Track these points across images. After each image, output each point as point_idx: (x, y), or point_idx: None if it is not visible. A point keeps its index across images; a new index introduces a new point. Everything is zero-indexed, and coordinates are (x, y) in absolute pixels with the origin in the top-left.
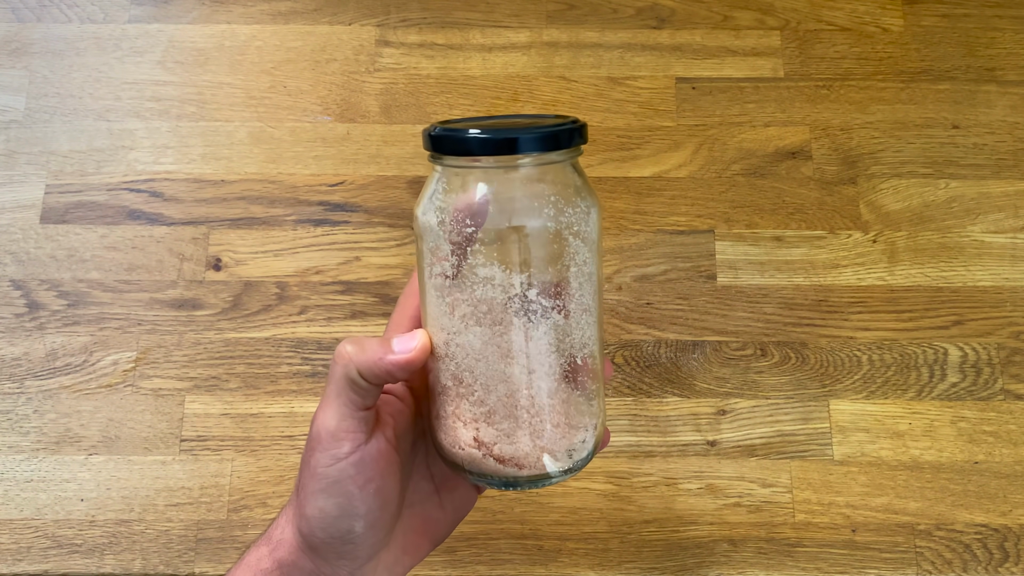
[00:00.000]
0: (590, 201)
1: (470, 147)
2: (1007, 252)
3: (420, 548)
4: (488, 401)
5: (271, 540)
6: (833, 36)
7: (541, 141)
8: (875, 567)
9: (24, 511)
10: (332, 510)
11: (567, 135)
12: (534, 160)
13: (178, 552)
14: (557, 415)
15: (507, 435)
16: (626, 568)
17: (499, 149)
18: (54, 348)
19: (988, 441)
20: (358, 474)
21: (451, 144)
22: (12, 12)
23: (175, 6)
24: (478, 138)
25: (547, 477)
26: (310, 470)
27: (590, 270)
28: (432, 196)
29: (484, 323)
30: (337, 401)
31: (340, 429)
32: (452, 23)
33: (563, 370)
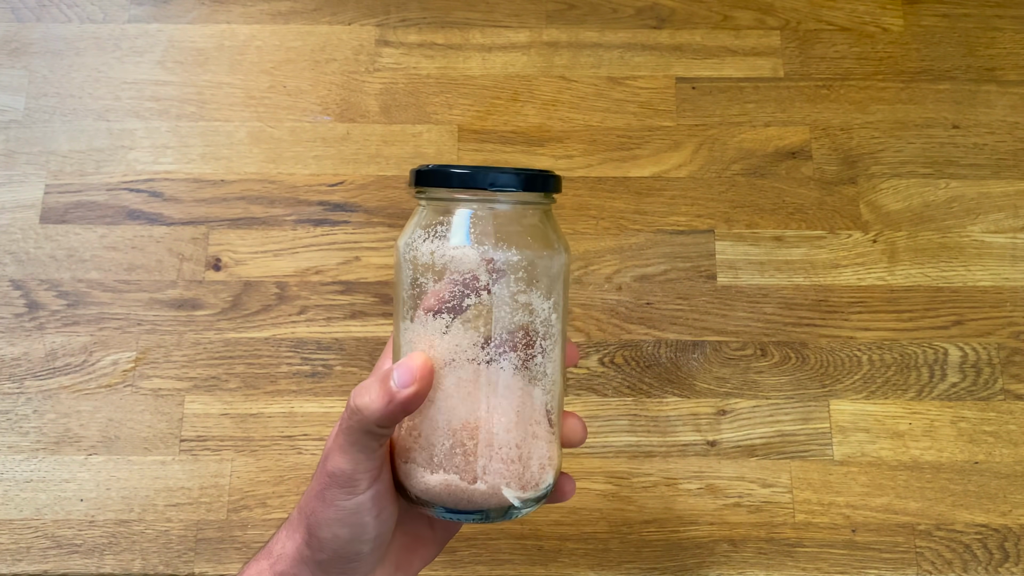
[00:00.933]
0: (556, 252)
1: (451, 180)
2: (1007, 252)
3: (412, 565)
4: (431, 434)
5: (271, 554)
6: (833, 36)
7: (518, 181)
8: (875, 567)
9: (24, 511)
10: (346, 535)
11: (543, 180)
12: (509, 198)
13: (178, 552)
14: (500, 454)
15: (447, 467)
16: (626, 568)
17: (464, 182)
18: (54, 348)
19: (988, 441)
20: (374, 506)
21: (426, 177)
22: (12, 12)
23: (175, 6)
24: (458, 173)
25: (482, 511)
26: (325, 503)
27: (556, 317)
28: (409, 228)
29: (435, 363)
30: (353, 449)
31: (357, 471)
32: (452, 23)
33: (512, 414)
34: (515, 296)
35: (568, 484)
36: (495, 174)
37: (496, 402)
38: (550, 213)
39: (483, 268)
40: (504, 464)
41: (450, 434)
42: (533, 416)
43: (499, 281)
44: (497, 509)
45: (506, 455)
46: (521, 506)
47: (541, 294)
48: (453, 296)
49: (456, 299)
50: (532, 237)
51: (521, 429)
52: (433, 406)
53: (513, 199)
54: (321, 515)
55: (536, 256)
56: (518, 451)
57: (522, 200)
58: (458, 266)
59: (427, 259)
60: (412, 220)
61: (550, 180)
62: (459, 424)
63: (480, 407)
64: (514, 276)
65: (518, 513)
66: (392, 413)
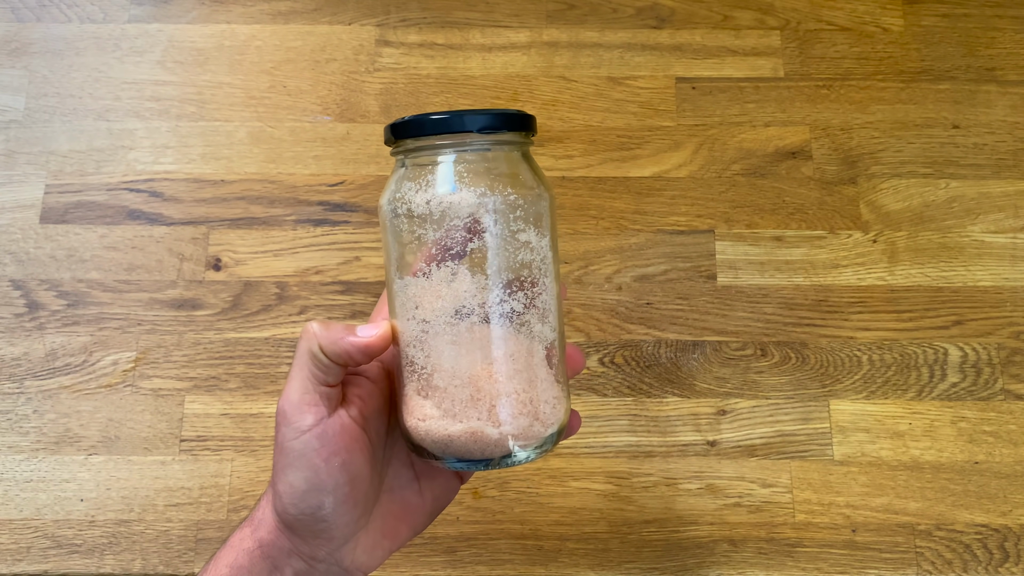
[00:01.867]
0: (543, 190)
1: (424, 127)
2: (1007, 252)
3: (399, 533)
4: (448, 385)
5: (253, 520)
6: (833, 36)
7: (502, 120)
8: (875, 567)
9: (24, 511)
10: (300, 484)
11: (518, 120)
12: (484, 140)
13: (178, 552)
14: (520, 397)
15: (468, 416)
16: (626, 568)
17: (450, 127)
18: (54, 348)
19: (988, 441)
20: (322, 447)
21: (407, 128)
22: (12, 12)
23: (175, 6)
24: (432, 119)
25: (509, 455)
26: (278, 446)
27: (547, 257)
28: (393, 185)
29: (444, 312)
30: (300, 375)
31: (302, 402)
32: (452, 23)
33: (525, 355)
34: (515, 235)
35: (575, 420)
36: (478, 117)
37: (510, 345)
38: (530, 155)
39: (481, 210)
40: (516, 409)
41: (468, 381)
42: (539, 357)
43: (498, 222)
44: (510, 455)
45: (523, 398)
46: (531, 451)
47: (537, 232)
48: (455, 242)
49: (458, 245)
50: (521, 176)
51: (529, 373)
52: (447, 354)
53: (498, 140)
54: (275, 463)
55: (528, 194)
56: (533, 392)
57: (507, 140)
58: (456, 211)
59: (423, 209)
60: (395, 176)
61: (529, 119)
62: (469, 371)
63: (490, 352)
64: (512, 215)
65: (534, 455)
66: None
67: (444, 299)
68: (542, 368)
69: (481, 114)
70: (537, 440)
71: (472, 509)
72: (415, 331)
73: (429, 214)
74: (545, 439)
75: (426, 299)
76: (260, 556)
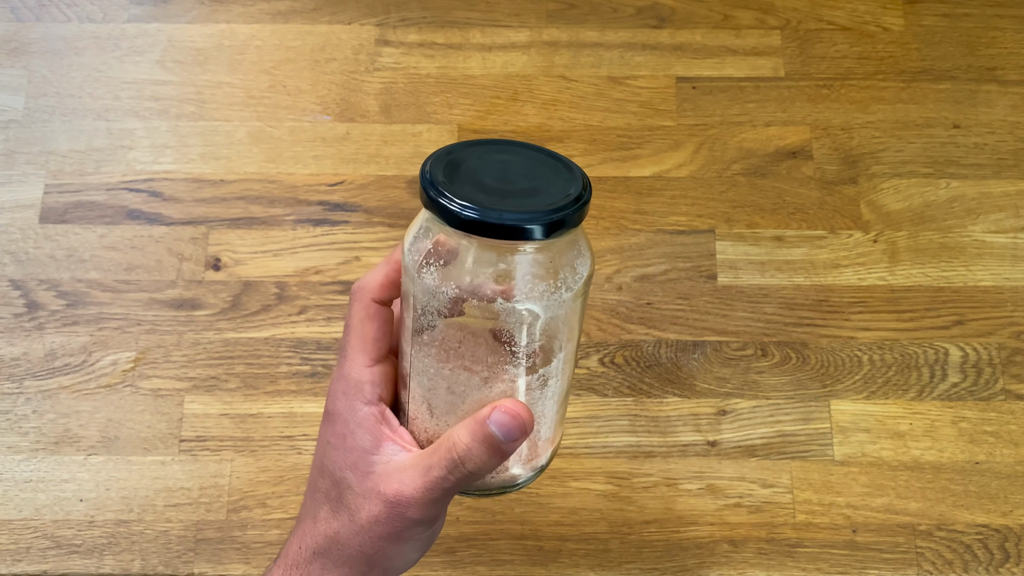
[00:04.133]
0: (587, 263)
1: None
2: (1008, 252)
3: None
4: None
5: None
6: (834, 35)
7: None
8: (876, 567)
9: (23, 511)
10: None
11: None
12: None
13: (177, 552)
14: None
15: None
16: (626, 569)
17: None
18: (53, 348)
19: (989, 441)
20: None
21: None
22: (11, 11)
23: (174, 5)
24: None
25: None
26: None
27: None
28: (418, 236)
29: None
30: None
31: (441, 513)
32: (452, 22)
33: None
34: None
35: None
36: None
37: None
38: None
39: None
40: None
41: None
42: (547, 408)
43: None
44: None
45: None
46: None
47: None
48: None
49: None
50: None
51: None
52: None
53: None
54: (394, 550)
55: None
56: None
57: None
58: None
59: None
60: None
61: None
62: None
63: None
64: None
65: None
66: (494, 464)
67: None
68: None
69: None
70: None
71: (472, 509)
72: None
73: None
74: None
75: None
76: None
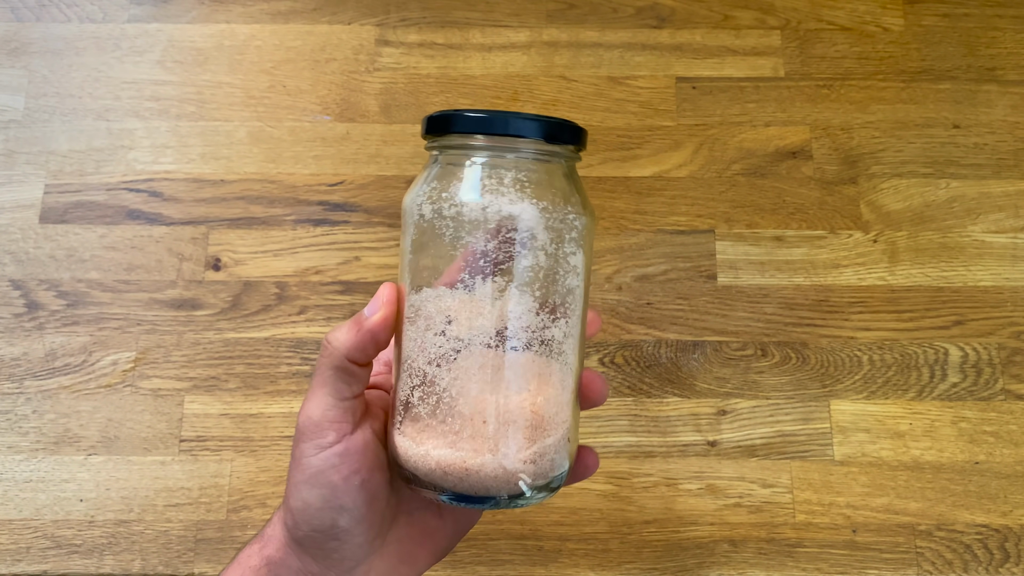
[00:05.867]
0: (591, 212)
1: (469, 125)
2: (1008, 252)
3: (418, 559)
4: (473, 412)
5: (262, 537)
6: (834, 35)
7: (543, 128)
8: (876, 567)
9: (23, 511)
10: (315, 501)
11: (571, 131)
12: (549, 150)
13: (177, 552)
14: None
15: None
16: (626, 569)
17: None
18: (53, 348)
19: (989, 441)
20: (342, 464)
21: (450, 123)
22: (11, 11)
23: (174, 5)
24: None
25: (523, 496)
26: (295, 461)
27: (578, 286)
28: (435, 183)
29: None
30: (322, 391)
31: (325, 419)
32: (452, 22)
33: (558, 388)
34: (567, 258)
35: (590, 457)
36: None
37: (521, 375)
38: (575, 169)
39: (540, 226)
40: (523, 443)
41: (466, 409)
42: (558, 390)
43: (554, 241)
44: (509, 494)
45: (525, 433)
46: (536, 492)
47: (572, 253)
48: (507, 257)
49: (509, 260)
50: (576, 195)
51: (545, 406)
52: (447, 376)
53: (560, 152)
54: (291, 479)
55: (583, 214)
56: (537, 430)
57: (566, 154)
58: (516, 223)
59: (477, 215)
60: (432, 173)
61: (581, 132)
62: (476, 397)
63: (503, 379)
64: (568, 235)
65: (532, 500)
66: (361, 342)
67: (486, 317)
68: (552, 403)
69: (557, 123)
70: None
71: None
72: (441, 348)
73: (484, 221)
74: (542, 485)
75: (464, 314)
76: (267, 575)
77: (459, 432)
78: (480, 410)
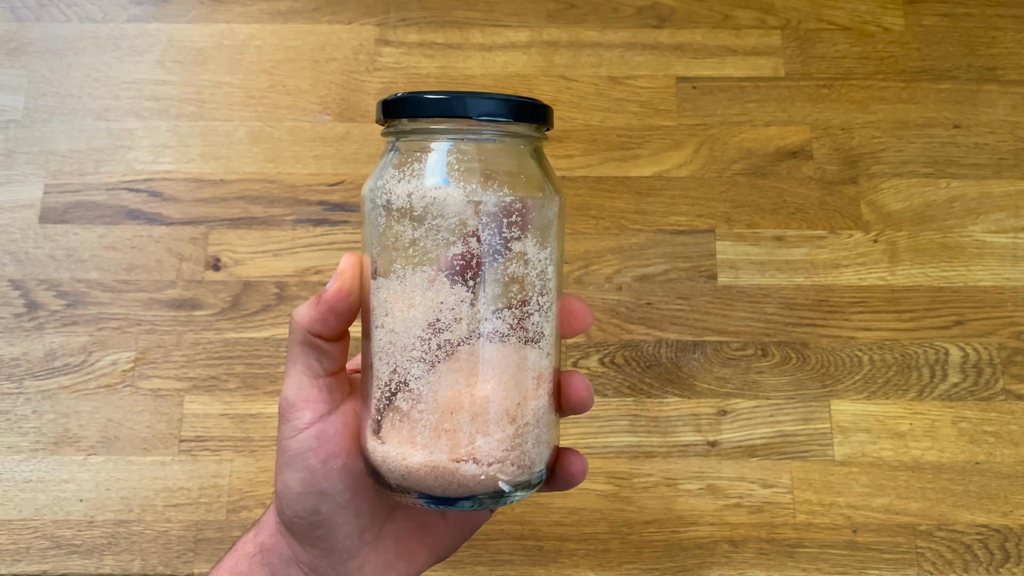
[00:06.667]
0: (552, 194)
1: (421, 107)
2: (1008, 252)
3: (417, 556)
4: (412, 409)
5: (259, 524)
6: (834, 35)
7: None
8: (876, 568)
9: (23, 511)
10: (295, 485)
11: (535, 109)
12: (490, 129)
13: (177, 553)
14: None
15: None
16: (626, 569)
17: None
18: (53, 348)
19: (989, 441)
20: (320, 447)
21: (400, 106)
22: (11, 11)
23: (174, 5)
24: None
25: (502, 495)
26: (278, 445)
27: (545, 272)
28: (376, 172)
29: (416, 323)
30: (294, 369)
31: (299, 398)
32: (452, 22)
33: (505, 381)
34: (508, 244)
35: (577, 463)
36: (482, 101)
37: (488, 369)
38: (541, 151)
39: (471, 211)
40: (497, 441)
41: (434, 406)
42: (528, 385)
43: (489, 227)
44: (487, 494)
45: (499, 431)
46: (513, 490)
47: (536, 243)
48: (436, 245)
49: (439, 248)
50: (525, 176)
51: (515, 400)
52: (415, 373)
53: (505, 131)
54: (277, 463)
55: (530, 198)
56: (512, 426)
57: (515, 132)
58: (441, 210)
59: (403, 202)
60: (382, 161)
61: (542, 110)
62: (445, 394)
63: (470, 374)
64: (506, 220)
65: (510, 499)
66: (320, 314)
67: (417, 308)
68: (526, 398)
69: (488, 98)
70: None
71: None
72: (382, 341)
73: (410, 208)
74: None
75: (397, 306)
76: (260, 562)
77: (432, 432)
78: (449, 408)
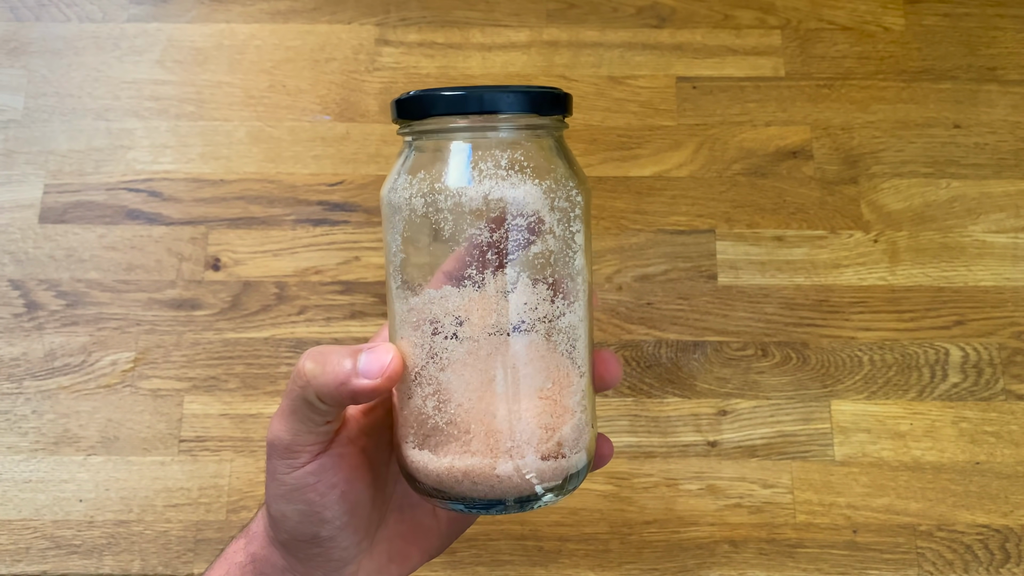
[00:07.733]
0: (584, 186)
1: (439, 107)
2: (1008, 252)
3: (410, 557)
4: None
5: (248, 533)
6: (834, 35)
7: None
8: (876, 568)
9: (23, 512)
10: (293, 515)
11: (559, 99)
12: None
13: (177, 553)
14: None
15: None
16: (626, 569)
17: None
18: (53, 348)
19: (989, 442)
20: (319, 481)
21: (419, 106)
22: (11, 11)
23: (174, 5)
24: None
25: (535, 498)
26: (270, 475)
27: (585, 264)
28: (421, 174)
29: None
30: (292, 418)
31: (296, 443)
32: (452, 22)
33: (576, 380)
34: (574, 237)
35: (606, 446)
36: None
37: (528, 369)
38: (563, 141)
39: (546, 208)
40: (537, 444)
41: (471, 411)
42: (576, 380)
43: (561, 222)
44: (526, 497)
45: (538, 434)
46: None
47: (567, 235)
48: (517, 246)
49: (519, 249)
50: (573, 167)
51: (554, 400)
52: (453, 378)
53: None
54: (268, 491)
55: (583, 189)
56: (551, 429)
57: (535, 124)
58: (522, 208)
59: (478, 204)
60: (411, 162)
61: (563, 98)
62: (482, 397)
63: (526, 376)
64: (572, 214)
65: (556, 498)
66: (339, 396)
67: (501, 313)
68: (588, 387)
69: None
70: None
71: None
72: (455, 352)
73: (485, 208)
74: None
75: (476, 313)
76: (252, 572)
77: (485, 439)
78: (505, 413)
